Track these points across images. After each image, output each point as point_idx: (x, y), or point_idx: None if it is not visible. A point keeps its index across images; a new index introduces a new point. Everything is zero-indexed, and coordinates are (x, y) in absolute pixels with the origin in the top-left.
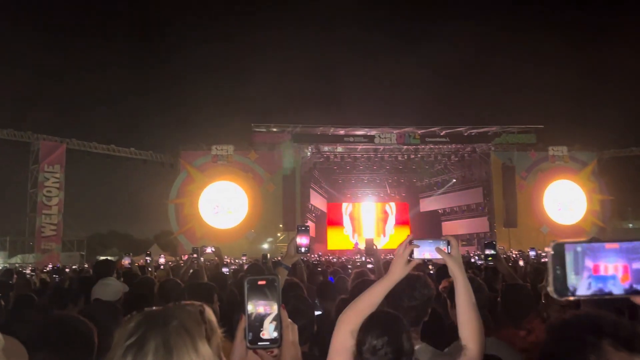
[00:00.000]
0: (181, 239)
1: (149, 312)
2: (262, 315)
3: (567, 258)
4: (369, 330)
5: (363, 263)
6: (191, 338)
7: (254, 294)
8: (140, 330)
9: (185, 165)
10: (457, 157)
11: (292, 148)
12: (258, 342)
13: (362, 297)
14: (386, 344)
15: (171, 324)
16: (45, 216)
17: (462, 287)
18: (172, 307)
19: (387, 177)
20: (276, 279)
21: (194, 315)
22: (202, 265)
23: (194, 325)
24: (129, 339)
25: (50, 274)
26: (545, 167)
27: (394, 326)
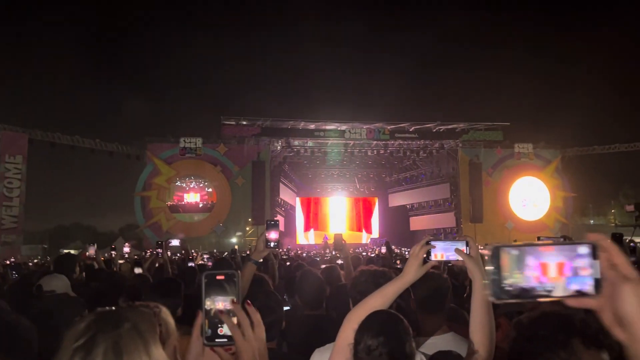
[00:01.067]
0: (147, 232)
1: (100, 313)
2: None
3: (503, 261)
4: (366, 329)
5: (333, 258)
6: (143, 341)
7: (212, 289)
8: (90, 332)
9: (151, 158)
10: (426, 153)
11: (262, 141)
12: (216, 339)
13: (373, 296)
14: (381, 345)
15: (123, 326)
16: (6, 208)
17: (479, 290)
18: (125, 308)
19: (356, 172)
20: (235, 274)
21: (147, 317)
22: (167, 259)
23: (147, 328)
24: (77, 341)
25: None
26: (511, 163)
27: (391, 327)
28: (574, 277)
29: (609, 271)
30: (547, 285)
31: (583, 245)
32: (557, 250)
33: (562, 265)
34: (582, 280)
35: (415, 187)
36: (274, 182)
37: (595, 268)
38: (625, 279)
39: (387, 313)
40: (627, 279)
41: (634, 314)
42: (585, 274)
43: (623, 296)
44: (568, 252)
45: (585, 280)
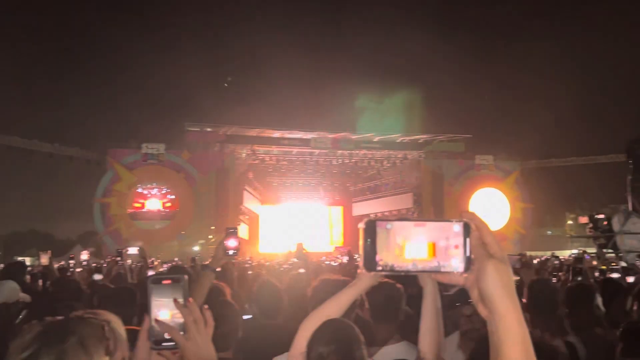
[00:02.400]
0: (106, 239)
1: (47, 324)
2: (167, 316)
3: (378, 234)
4: (318, 338)
5: (295, 266)
6: (88, 357)
7: (159, 293)
8: (35, 345)
9: (112, 163)
10: (390, 163)
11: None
12: (162, 344)
13: (326, 305)
14: (333, 353)
15: (68, 340)
16: None
17: (430, 296)
18: (73, 320)
19: (321, 180)
20: (182, 277)
21: (95, 329)
22: (126, 267)
23: (93, 342)
24: (22, 353)
25: None
26: (472, 174)
27: (343, 335)
28: (445, 254)
29: (477, 249)
30: (419, 260)
31: (456, 223)
32: (431, 226)
33: (435, 242)
34: (453, 257)
35: (379, 196)
36: (238, 190)
37: (467, 246)
38: (490, 257)
39: (338, 321)
40: (491, 257)
41: (493, 290)
42: (456, 252)
43: (486, 273)
44: (442, 229)
45: (456, 257)
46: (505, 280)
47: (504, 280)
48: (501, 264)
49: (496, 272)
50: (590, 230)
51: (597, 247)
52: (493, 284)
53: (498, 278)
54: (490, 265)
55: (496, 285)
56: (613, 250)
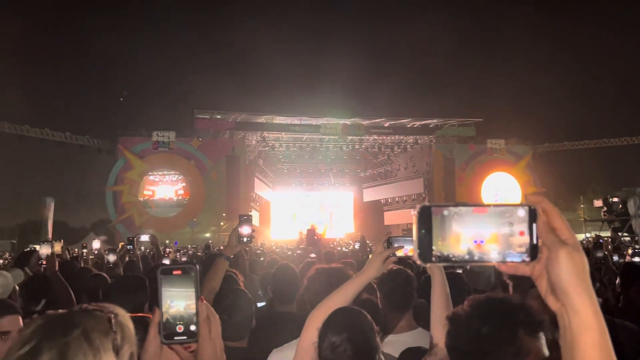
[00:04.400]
0: (119, 227)
1: (49, 317)
2: (178, 308)
3: (433, 222)
4: (329, 327)
5: (305, 252)
6: (94, 351)
7: (169, 284)
8: (35, 339)
9: (123, 151)
10: (400, 148)
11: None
12: (174, 337)
13: (334, 294)
14: (345, 341)
15: (72, 333)
16: None
17: (439, 285)
18: (77, 313)
19: (331, 166)
20: (193, 267)
21: (100, 322)
22: (138, 255)
23: (99, 335)
24: (22, 348)
25: None
26: (483, 159)
27: (355, 323)
28: (509, 241)
29: (546, 235)
30: (479, 249)
31: (521, 207)
32: (493, 212)
33: (497, 228)
34: (517, 245)
35: (389, 182)
36: (248, 177)
37: (533, 232)
38: (562, 244)
39: (349, 309)
40: (563, 244)
41: (567, 281)
42: (522, 239)
43: (558, 261)
44: (504, 215)
45: (521, 245)
46: (580, 269)
47: (578, 269)
48: (575, 251)
49: (569, 260)
50: (605, 214)
51: (611, 230)
52: (566, 273)
53: (572, 267)
54: (563, 253)
55: (570, 274)
56: (628, 234)
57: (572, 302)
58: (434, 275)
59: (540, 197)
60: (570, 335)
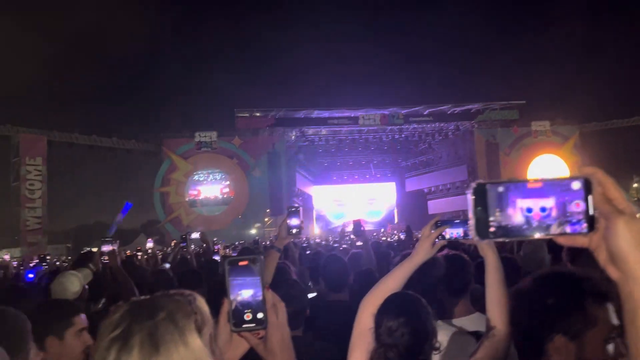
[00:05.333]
0: (168, 227)
1: (135, 302)
2: (246, 297)
3: (489, 198)
4: (385, 311)
5: (352, 244)
6: (179, 331)
7: (235, 275)
8: (125, 322)
9: (168, 153)
10: (441, 135)
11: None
12: (243, 325)
13: (384, 279)
14: (402, 325)
15: (158, 315)
16: (29, 209)
17: (493, 267)
18: (160, 297)
19: (372, 158)
20: (258, 258)
21: (182, 305)
22: (190, 252)
23: (182, 317)
24: (113, 331)
25: None
26: (528, 142)
27: (411, 307)
28: (565, 213)
29: (603, 206)
30: (536, 223)
31: (576, 180)
32: (547, 185)
33: (553, 201)
34: (574, 217)
35: (431, 170)
36: (290, 172)
37: (589, 204)
38: (619, 213)
39: (404, 294)
40: (621, 213)
41: (627, 250)
42: (578, 210)
43: (617, 231)
44: (559, 188)
45: (578, 216)
46: (639, 238)
47: (637, 237)
48: (632, 220)
49: (628, 229)
50: None
51: None
52: (626, 242)
53: (630, 235)
54: (621, 222)
55: (629, 243)
56: None
57: (632, 271)
58: (488, 257)
59: (594, 169)
60: (632, 305)
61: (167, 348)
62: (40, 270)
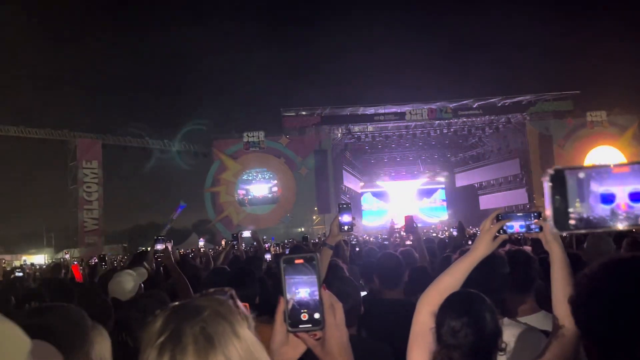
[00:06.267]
0: (219, 226)
1: (175, 306)
2: (302, 296)
3: (568, 186)
4: (448, 311)
5: (402, 241)
6: (229, 323)
7: (291, 273)
8: (171, 324)
9: (218, 154)
10: (492, 129)
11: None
12: (299, 325)
13: (443, 275)
14: (466, 325)
15: (204, 312)
16: (87, 211)
17: (559, 262)
18: (199, 298)
19: (420, 153)
20: (314, 256)
21: (225, 302)
22: (242, 250)
23: (228, 312)
24: (161, 336)
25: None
26: (584, 134)
27: (474, 306)
28: None
29: None
30: (623, 213)
31: None
32: (636, 170)
33: None
34: None
35: (482, 165)
36: (337, 170)
37: None
38: None
39: (467, 292)
40: None
41: None
42: None
43: None
44: None
45: None
46: None
47: None
48: None
49: None
50: None
51: None
52: None
53: None
54: None
55: None
56: None
57: None
58: (553, 251)
59: None
60: None
61: (222, 341)
62: None
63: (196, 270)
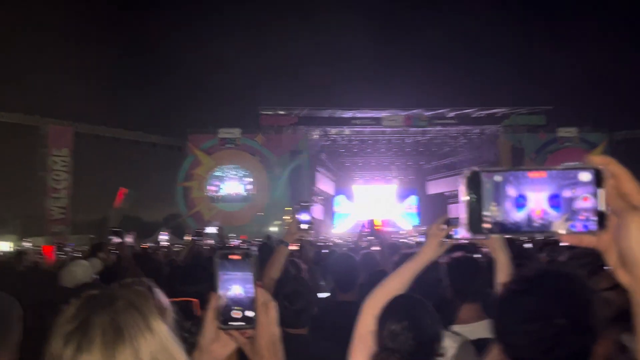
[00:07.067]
0: (189, 221)
1: (90, 295)
2: (236, 293)
3: (483, 189)
4: (388, 315)
5: (368, 245)
6: (142, 315)
7: (226, 269)
8: (82, 314)
9: (192, 149)
10: (466, 139)
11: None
12: (230, 323)
13: (388, 280)
14: (406, 329)
15: (117, 304)
16: (54, 199)
17: (503, 268)
18: (116, 288)
19: (394, 159)
20: (251, 252)
21: (142, 292)
22: (204, 246)
23: (143, 303)
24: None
25: None
26: (555, 148)
27: (415, 310)
28: (571, 209)
29: (615, 201)
30: (537, 219)
31: (585, 170)
32: (551, 176)
33: (557, 195)
34: (581, 213)
35: (454, 174)
36: (311, 172)
37: (600, 198)
38: (634, 210)
39: (409, 297)
40: (635, 210)
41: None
42: (586, 206)
43: (630, 230)
44: (565, 180)
45: (586, 213)
46: None
47: None
48: None
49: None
50: None
51: None
52: (638, 243)
53: None
54: (635, 220)
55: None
56: None
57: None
58: (498, 258)
59: (607, 159)
60: None
61: (132, 334)
62: None
63: (157, 264)
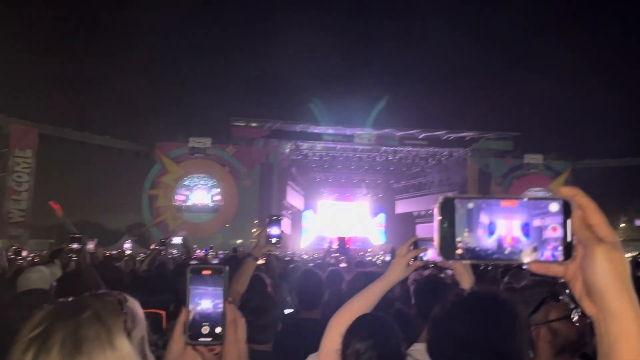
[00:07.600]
0: (153, 231)
1: (60, 303)
2: (205, 307)
3: (457, 215)
4: (354, 333)
5: (335, 262)
6: (106, 330)
7: (197, 284)
8: (47, 321)
9: (160, 156)
10: (435, 160)
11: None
12: (199, 339)
13: (356, 298)
14: (370, 348)
15: (83, 314)
16: (14, 201)
17: None
18: (87, 297)
19: (364, 177)
20: (223, 269)
21: (111, 305)
22: (168, 257)
23: (110, 316)
24: (33, 331)
25: None
26: (520, 174)
27: (380, 330)
28: (540, 238)
29: (582, 232)
30: (507, 247)
31: (554, 201)
32: (522, 206)
33: (527, 224)
34: (550, 243)
35: (422, 194)
36: (281, 185)
37: (567, 229)
38: (599, 241)
39: (374, 316)
40: (601, 241)
41: (605, 282)
42: (554, 236)
43: (595, 260)
44: (535, 209)
45: (554, 242)
46: (620, 270)
47: (619, 269)
48: (614, 250)
49: (608, 259)
50: None
51: None
52: (604, 274)
53: (611, 267)
54: (601, 252)
55: (608, 275)
56: None
57: (609, 305)
58: (463, 281)
59: (575, 190)
60: (608, 342)
61: (90, 349)
62: None
63: (118, 273)
